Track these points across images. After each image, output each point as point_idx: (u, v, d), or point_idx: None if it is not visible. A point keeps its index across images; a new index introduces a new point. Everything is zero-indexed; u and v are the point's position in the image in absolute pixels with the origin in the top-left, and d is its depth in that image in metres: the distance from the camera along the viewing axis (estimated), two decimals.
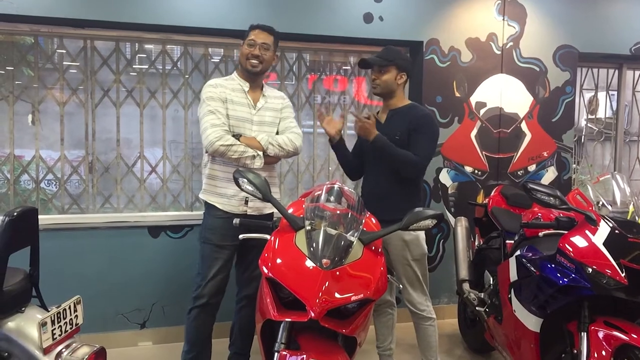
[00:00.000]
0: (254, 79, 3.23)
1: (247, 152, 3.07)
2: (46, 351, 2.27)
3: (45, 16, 3.70)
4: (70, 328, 2.41)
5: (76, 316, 2.46)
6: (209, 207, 3.23)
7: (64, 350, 2.33)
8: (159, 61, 4.16)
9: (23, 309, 2.43)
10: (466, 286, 3.77)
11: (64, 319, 2.38)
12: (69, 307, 2.43)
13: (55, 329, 2.32)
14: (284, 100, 3.36)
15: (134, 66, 4.14)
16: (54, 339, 2.31)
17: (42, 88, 3.96)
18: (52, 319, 2.31)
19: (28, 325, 2.32)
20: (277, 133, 3.27)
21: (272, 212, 3.32)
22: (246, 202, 3.17)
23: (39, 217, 2.67)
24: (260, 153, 3.10)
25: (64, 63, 4.00)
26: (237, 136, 3.10)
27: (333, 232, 2.24)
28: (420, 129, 3.10)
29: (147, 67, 4.17)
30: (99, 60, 4.03)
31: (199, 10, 3.93)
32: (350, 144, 3.44)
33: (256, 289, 3.34)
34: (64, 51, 3.99)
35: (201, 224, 3.29)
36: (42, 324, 2.26)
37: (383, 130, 3.17)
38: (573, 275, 2.57)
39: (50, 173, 4.00)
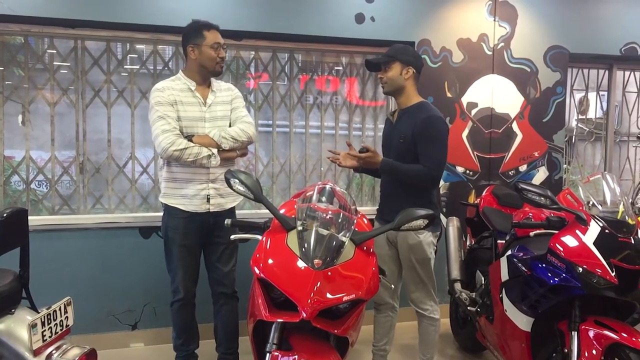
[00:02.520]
0: (207, 77, 3.23)
1: (202, 152, 3.07)
2: (36, 353, 2.25)
3: (36, 16, 3.68)
4: (61, 329, 2.39)
5: (66, 317, 2.44)
6: (169, 208, 3.23)
7: (54, 351, 2.31)
8: (150, 61, 4.14)
9: (13, 310, 2.41)
10: (458, 286, 3.78)
11: (54, 320, 2.36)
12: (59, 309, 2.41)
13: (45, 330, 2.30)
14: (232, 92, 3.34)
15: (125, 66, 4.12)
16: (44, 341, 2.29)
17: (33, 88, 3.93)
18: (42, 320, 2.30)
19: (18, 327, 2.30)
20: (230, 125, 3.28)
21: (234, 206, 3.37)
22: (208, 200, 3.19)
23: (30, 218, 2.65)
24: (215, 151, 3.11)
25: (55, 63, 3.97)
26: (189, 137, 3.09)
27: (325, 232, 2.24)
28: (424, 136, 3.02)
29: (138, 67, 4.15)
30: (90, 61, 4.01)
31: (190, 10, 3.91)
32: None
33: (231, 286, 3.37)
34: (54, 51, 3.97)
35: (162, 224, 3.30)
36: (32, 326, 2.24)
37: (392, 131, 3.19)
38: (564, 275, 2.59)
39: (41, 174, 3.97)
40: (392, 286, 2.94)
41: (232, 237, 2.57)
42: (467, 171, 4.66)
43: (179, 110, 3.12)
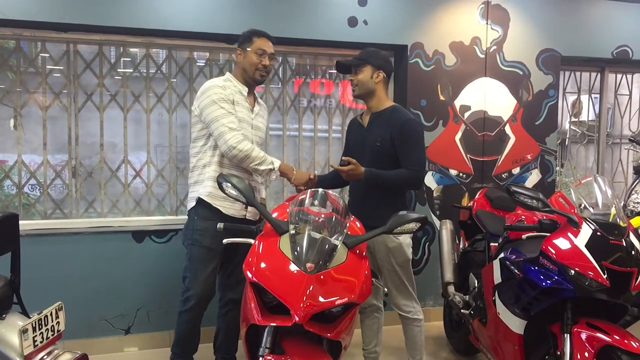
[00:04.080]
0: (249, 84, 3.25)
1: (266, 160, 3.08)
2: (27, 358, 2.24)
3: (28, 20, 3.67)
4: (52, 335, 2.38)
5: (58, 322, 2.43)
6: (205, 209, 3.13)
7: (45, 357, 2.30)
8: (143, 65, 4.14)
9: (4, 315, 2.40)
10: (451, 289, 3.78)
11: (46, 325, 2.35)
12: (51, 314, 2.40)
13: (36, 335, 2.29)
14: (266, 111, 3.48)
15: (118, 70, 4.11)
16: (35, 346, 2.28)
17: (25, 92, 3.92)
18: (34, 325, 2.28)
19: (9, 333, 2.29)
20: None
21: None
22: (246, 207, 3.15)
23: (21, 222, 2.64)
24: (277, 165, 3.12)
25: (47, 67, 3.96)
26: None
27: (317, 235, 2.24)
28: (405, 139, 3.06)
29: (131, 70, 4.15)
30: (82, 64, 4.00)
31: (182, 14, 3.91)
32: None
33: (242, 293, 3.35)
34: (46, 55, 3.96)
35: (188, 226, 3.23)
36: (23, 331, 2.23)
37: (365, 134, 3.18)
38: (556, 277, 2.59)
39: (33, 178, 3.96)
40: (385, 289, 2.94)
41: (225, 241, 2.57)
42: (461, 174, 4.67)
43: (237, 111, 3.14)
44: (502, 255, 3.07)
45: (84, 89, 4.02)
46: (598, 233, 2.59)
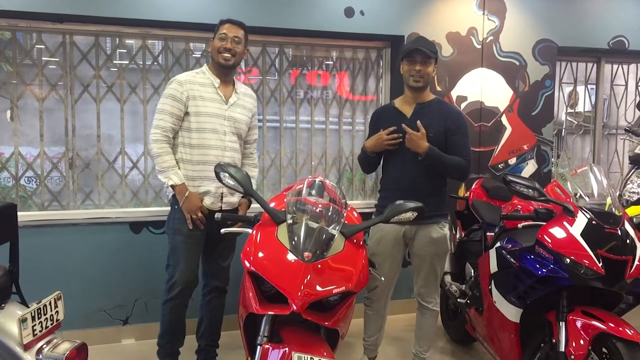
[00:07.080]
0: (226, 73, 3.23)
1: (166, 172, 3.09)
2: (27, 347, 2.25)
3: (24, 10, 3.65)
4: (51, 324, 2.39)
5: (57, 312, 2.44)
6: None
7: (44, 346, 2.30)
8: (140, 56, 4.13)
9: (3, 305, 2.40)
10: (448, 278, 3.81)
11: (45, 314, 2.36)
12: (50, 303, 2.41)
13: (35, 325, 2.30)
14: (254, 101, 3.39)
15: (114, 61, 4.10)
16: (34, 335, 2.28)
17: (21, 84, 3.91)
18: (33, 315, 2.29)
19: (8, 322, 2.30)
20: (246, 135, 3.34)
21: None
22: (222, 199, 3.20)
23: (19, 214, 2.64)
24: (171, 183, 3.08)
25: (43, 58, 3.95)
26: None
27: (315, 225, 2.26)
28: (460, 130, 3.15)
29: (127, 62, 4.14)
30: (79, 56, 3.99)
31: (178, 4, 3.90)
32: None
33: (227, 280, 3.37)
34: (42, 46, 3.95)
35: (169, 216, 3.27)
36: (23, 320, 2.23)
37: (410, 124, 3.08)
38: (551, 266, 2.61)
39: (30, 170, 3.95)
40: (382, 279, 2.95)
41: (223, 230, 2.59)
42: None
43: (198, 106, 3.12)
44: (498, 244, 3.10)
45: (81, 81, 4.01)
46: (593, 222, 2.61)
